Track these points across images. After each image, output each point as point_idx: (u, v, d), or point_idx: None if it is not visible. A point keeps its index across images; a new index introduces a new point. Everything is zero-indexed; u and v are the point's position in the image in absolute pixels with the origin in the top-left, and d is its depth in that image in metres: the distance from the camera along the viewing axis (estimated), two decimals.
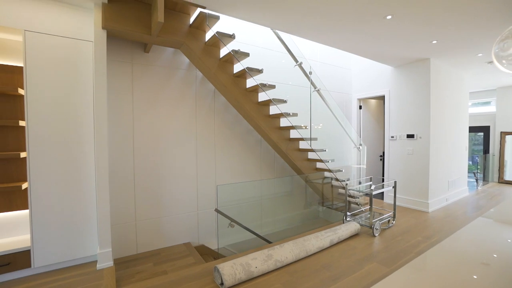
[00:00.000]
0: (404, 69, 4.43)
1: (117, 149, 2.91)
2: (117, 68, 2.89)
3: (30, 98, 2.27)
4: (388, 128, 4.62)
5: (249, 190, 3.73)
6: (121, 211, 2.95)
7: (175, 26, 2.72)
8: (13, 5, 2.19)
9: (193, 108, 3.41)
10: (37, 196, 2.31)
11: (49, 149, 2.35)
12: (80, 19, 2.45)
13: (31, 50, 2.26)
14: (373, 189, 3.24)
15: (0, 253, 2.19)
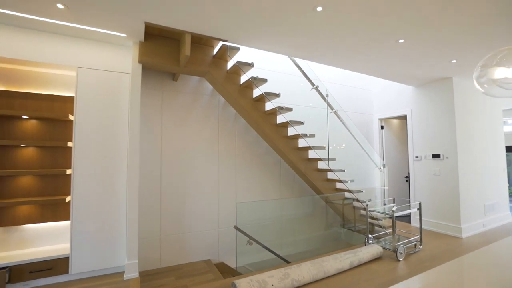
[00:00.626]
0: (425, 88, 4.39)
1: (146, 169, 3.20)
2: (150, 96, 3.26)
3: (78, 123, 2.65)
4: (412, 148, 4.50)
5: (268, 210, 3.79)
6: (147, 227, 3.16)
7: (200, 58, 3.05)
8: (69, 47, 2.65)
9: (216, 130, 3.66)
10: (77, 208, 2.60)
11: (89, 167, 2.68)
12: (120, 55, 2.87)
13: (81, 83, 2.68)
14: (395, 210, 3.15)
15: (44, 259, 2.47)
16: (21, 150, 2.64)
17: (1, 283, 2.27)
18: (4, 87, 2.63)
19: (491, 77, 0.94)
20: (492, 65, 0.94)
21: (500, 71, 0.94)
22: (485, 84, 0.97)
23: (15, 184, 2.61)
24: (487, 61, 0.95)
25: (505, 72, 0.94)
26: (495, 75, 0.94)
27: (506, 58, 0.94)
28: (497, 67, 0.94)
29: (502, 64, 0.94)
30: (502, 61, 0.94)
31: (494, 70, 0.95)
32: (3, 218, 2.55)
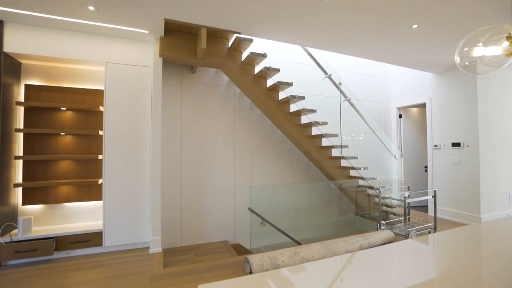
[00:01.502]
0: (446, 75, 4.26)
1: (168, 155, 3.46)
2: (170, 87, 3.50)
3: (107, 113, 2.95)
4: (431, 136, 4.41)
5: (282, 194, 3.95)
6: (169, 208, 3.45)
7: (216, 50, 3.22)
8: (98, 44, 2.94)
9: (232, 119, 3.85)
10: (108, 190, 2.92)
11: (118, 153, 2.98)
12: (143, 50, 3.11)
13: (109, 77, 2.97)
14: (407, 196, 3.17)
15: (83, 232, 2.83)
16: (60, 138, 3.00)
17: (50, 249, 2.65)
18: (46, 82, 2.98)
19: (471, 55, 1.01)
20: (472, 44, 1.01)
21: (479, 50, 1.00)
22: (466, 62, 1.03)
23: (56, 167, 2.98)
24: (467, 40, 1.02)
25: (483, 51, 1.00)
26: (474, 53, 1.01)
27: (482, 37, 1.00)
28: (475, 47, 1.00)
29: (480, 43, 1.00)
30: (480, 40, 1.00)
31: (473, 49, 1.01)
32: (49, 197, 2.93)
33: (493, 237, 1.21)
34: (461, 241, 1.16)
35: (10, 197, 2.77)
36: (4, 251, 2.55)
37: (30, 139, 2.90)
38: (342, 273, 0.90)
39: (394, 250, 1.07)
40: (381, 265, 0.93)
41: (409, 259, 0.99)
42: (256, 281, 0.85)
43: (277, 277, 0.88)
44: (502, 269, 0.87)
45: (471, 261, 0.94)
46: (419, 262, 0.96)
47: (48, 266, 2.61)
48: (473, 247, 1.07)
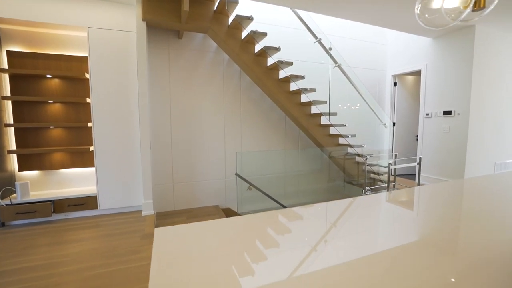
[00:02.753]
0: (444, 39, 4.10)
1: (158, 122, 3.51)
2: (157, 54, 3.43)
3: (93, 80, 2.95)
4: (423, 105, 4.37)
5: (270, 161, 4.05)
6: (161, 174, 3.58)
7: (201, 13, 3.10)
8: (78, 8, 2.84)
9: (221, 87, 3.82)
10: (100, 156, 3.02)
11: (107, 120, 3.03)
12: (127, 14, 3.01)
13: (93, 43, 2.91)
14: (391, 162, 3.25)
15: (79, 195, 2.99)
16: (49, 105, 3.03)
17: (48, 211, 2.83)
18: (29, 49, 2.94)
19: (430, 7, 0.99)
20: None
21: (437, 2, 0.98)
22: (425, 14, 1.01)
23: (48, 135, 3.05)
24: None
25: (442, 2, 0.98)
26: (433, 5, 0.99)
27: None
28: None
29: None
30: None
31: (433, 1, 0.99)
32: (43, 163, 3.05)
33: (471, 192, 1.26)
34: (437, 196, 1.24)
35: (6, 164, 2.88)
36: (5, 212, 2.73)
37: (19, 107, 2.94)
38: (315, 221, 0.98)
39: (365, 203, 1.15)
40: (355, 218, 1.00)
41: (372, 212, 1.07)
42: (208, 225, 0.94)
43: (229, 223, 0.97)
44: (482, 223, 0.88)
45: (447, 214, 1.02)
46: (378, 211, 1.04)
47: (47, 226, 2.80)
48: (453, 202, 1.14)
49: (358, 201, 1.18)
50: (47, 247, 2.39)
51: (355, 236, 0.82)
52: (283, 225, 0.94)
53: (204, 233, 0.86)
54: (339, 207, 1.11)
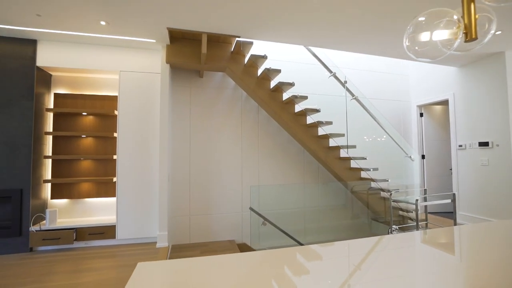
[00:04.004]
0: (470, 68, 3.90)
1: (178, 156, 3.66)
2: (179, 91, 3.71)
3: (121, 116, 3.24)
4: (455, 136, 4.05)
5: (288, 195, 3.92)
6: (179, 205, 3.63)
7: (219, 54, 3.36)
8: (113, 55, 3.25)
9: (239, 121, 3.95)
10: (121, 187, 3.19)
11: (130, 153, 3.24)
12: (153, 58, 3.37)
13: (123, 84, 3.26)
14: (418, 198, 2.96)
15: (99, 225, 3.12)
16: (82, 139, 3.36)
17: (71, 239, 2.97)
18: (71, 91, 3.37)
19: (419, 40, 0.96)
20: (420, 29, 0.97)
21: (425, 35, 0.95)
22: (416, 47, 0.99)
23: (79, 166, 3.33)
24: (414, 25, 0.98)
25: (429, 35, 0.95)
26: (421, 38, 0.96)
27: (426, 22, 0.95)
28: (422, 32, 0.96)
29: (425, 29, 0.95)
30: (424, 25, 0.95)
31: (421, 34, 0.96)
32: (72, 192, 3.29)
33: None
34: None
35: (41, 192, 3.16)
36: (34, 237, 2.92)
37: (57, 141, 3.29)
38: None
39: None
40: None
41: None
42: (193, 262, 0.91)
43: (211, 262, 0.93)
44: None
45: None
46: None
47: (68, 254, 2.93)
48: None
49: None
50: (64, 275, 2.47)
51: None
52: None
53: (191, 273, 0.82)
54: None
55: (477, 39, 0.92)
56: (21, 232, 2.92)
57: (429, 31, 0.95)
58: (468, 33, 0.91)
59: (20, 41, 3.01)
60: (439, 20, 0.93)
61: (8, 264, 2.67)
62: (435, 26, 0.94)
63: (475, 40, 0.92)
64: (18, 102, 2.97)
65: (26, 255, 2.89)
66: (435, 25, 0.94)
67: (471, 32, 0.91)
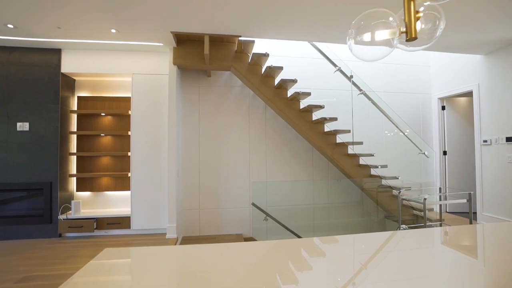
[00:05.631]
0: (498, 55, 3.54)
1: (187, 152, 3.85)
2: (188, 91, 3.88)
3: (134, 116, 3.49)
4: (479, 130, 3.72)
5: (295, 191, 3.93)
6: (189, 199, 3.84)
7: (223, 54, 3.45)
8: (127, 59, 3.50)
9: (247, 118, 4.02)
10: (135, 182, 3.46)
11: (142, 150, 3.50)
12: (162, 60, 3.56)
13: (135, 86, 3.50)
14: (426, 197, 2.81)
15: (117, 215, 3.43)
16: (102, 138, 3.68)
17: (91, 227, 3.32)
18: (92, 93, 3.70)
19: (363, 41, 0.95)
20: (360, 30, 0.95)
21: (368, 35, 0.93)
22: (360, 47, 0.97)
23: (99, 162, 3.67)
24: (355, 25, 0.96)
25: (371, 36, 0.93)
26: (364, 39, 0.95)
27: (364, 21, 0.92)
28: (364, 32, 0.94)
29: (367, 29, 0.93)
30: (365, 26, 0.93)
31: (363, 35, 0.95)
32: (94, 186, 3.65)
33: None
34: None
35: (68, 185, 3.55)
36: (62, 225, 3.31)
37: (81, 139, 3.65)
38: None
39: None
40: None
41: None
42: (150, 250, 1.02)
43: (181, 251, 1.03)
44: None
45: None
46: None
47: (89, 240, 3.27)
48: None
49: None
50: (85, 259, 2.78)
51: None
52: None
53: (146, 258, 0.93)
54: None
55: (417, 38, 0.89)
56: (52, 220, 3.32)
57: (370, 31, 0.94)
58: (408, 33, 0.89)
59: (47, 51, 3.37)
60: (379, 21, 0.92)
61: (41, 247, 3.07)
62: (375, 26, 0.93)
63: (415, 39, 0.89)
64: (46, 105, 3.35)
65: (55, 240, 3.28)
66: (376, 26, 0.93)
67: (411, 31, 0.88)
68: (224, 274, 0.78)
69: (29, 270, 2.51)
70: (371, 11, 0.93)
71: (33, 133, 3.32)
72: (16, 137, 3.30)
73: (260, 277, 0.75)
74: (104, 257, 0.93)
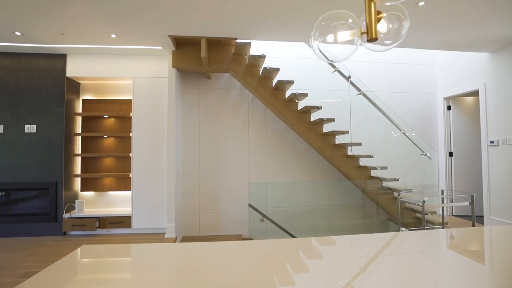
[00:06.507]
0: (505, 53, 3.41)
1: (188, 153, 3.91)
2: (189, 93, 3.94)
3: (134, 118, 3.58)
4: (486, 130, 3.59)
5: (294, 193, 3.91)
6: (189, 200, 3.89)
7: (221, 56, 3.49)
8: (128, 63, 3.60)
9: (246, 120, 4.04)
10: (135, 182, 3.55)
11: (143, 151, 3.58)
12: (162, 64, 3.64)
13: (136, 88, 3.60)
14: (426, 200, 2.74)
15: (118, 215, 3.52)
16: (105, 139, 3.80)
17: (94, 226, 3.42)
18: (95, 96, 3.83)
19: (326, 41, 0.94)
20: (322, 32, 0.95)
21: (330, 37, 0.93)
22: (323, 48, 0.97)
23: (103, 163, 3.79)
24: (317, 26, 0.96)
25: (333, 37, 0.92)
26: (327, 40, 0.94)
27: (327, 24, 0.92)
28: (327, 34, 0.93)
29: (329, 31, 0.93)
30: (327, 27, 0.92)
31: (326, 37, 0.94)
32: (97, 186, 3.76)
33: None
34: None
35: (73, 185, 3.68)
36: (66, 223, 3.43)
37: (85, 141, 3.78)
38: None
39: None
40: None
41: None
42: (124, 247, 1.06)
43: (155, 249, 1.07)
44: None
45: None
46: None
47: (92, 239, 3.38)
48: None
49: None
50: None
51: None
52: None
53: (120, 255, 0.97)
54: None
55: (378, 39, 0.89)
56: (57, 218, 3.45)
57: (333, 33, 0.93)
58: (369, 33, 0.88)
59: (53, 56, 3.52)
60: (341, 22, 0.92)
61: (46, 245, 3.20)
62: (337, 27, 0.93)
63: (376, 40, 0.89)
64: (52, 108, 3.49)
65: (60, 237, 3.41)
66: (338, 27, 0.93)
67: (371, 32, 0.88)
68: (201, 271, 0.80)
69: (32, 266, 2.62)
70: (333, 12, 0.93)
71: (40, 135, 3.47)
72: (24, 139, 3.45)
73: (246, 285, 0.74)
74: (80, 254, 0.97)
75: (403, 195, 3.33)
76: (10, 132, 3.44)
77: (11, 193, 3.45)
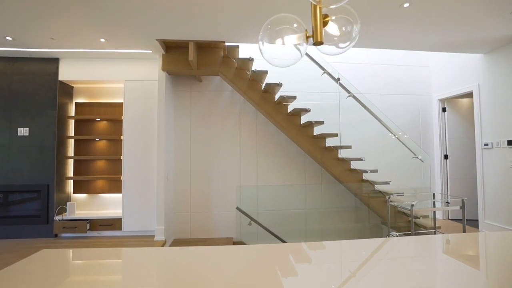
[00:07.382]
0: (498, 54, 3.34)
1: (179, 156, 3.92)
2: (180, 96, 3.96)
3: (125, 121, 3.61)
4: (480, 133, 3.52)
5: (282, 197, 3.88)
6: (181, 202, 3.89)
7: (211, 59, 3.49)
8: (119, 67, 3.63)
9: (238, 123, 4.04)
10: (126, 184, 3.57)
11: (133, 154, 3.60)
12: (152, 67, 3.66)
13: (127, 92, 3.62)
14: (414, 204, 2.69)
15: (108, 217, 3.55)
16: (97, 142, 3.83)
17: (84, 228, 3.45)
18: (88, 100, 3.87)
19: (274, 45, 0.93)
20: (270, 36, 0.94)
21: (278, 41, 0.92)
22: (272, 52, 0.96)
23: (94, 165, 3.82)
24: (264, 31, 0.95)
25: (281, 41, 0.91)
26: (276, 44, 0.93)
27: (273, 28, 0.91)
28: (275, 38, 0.92)
29: (276, 35, 0.91)
30: (274, 31, 0.91)
31: (275, 40, 0.93)
32: (90, 188, 3.79)
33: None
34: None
35: (65, 187, 3.72)
36: (57, 225, 3.47)
37: (77, 143, 3.82)
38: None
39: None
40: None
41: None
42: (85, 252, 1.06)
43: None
44: None
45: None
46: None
47: (82, 241, 3.40)
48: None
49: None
50: None
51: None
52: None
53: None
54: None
55: (323, 43, 0.87)
56: (48, 220, 3.49)
57: (280, 37, 0.92)
58: (314, 37, 0.87)
59: (46, 60, 3.57)
60: (287, 26, 0.91)
61: (35, 246, 3.23)
62: (284, 31, 0.92)
63: (321, 43, 0.87)
64: (45, 111, 3.54)
65: (50, 239, 3.44)
66: (284, 30, 0.91)
67: (316, 35, 0.86)
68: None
69: None
70: (280, 15, 0.92)
71: (32, 138, 3.52)
72: (17, 142, 3.51)
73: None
74: (39, 258, 0.97)
75: (394, 199, 3.28)
76: (3, 135, 3.50)
77: (3, 195, 3.49)
